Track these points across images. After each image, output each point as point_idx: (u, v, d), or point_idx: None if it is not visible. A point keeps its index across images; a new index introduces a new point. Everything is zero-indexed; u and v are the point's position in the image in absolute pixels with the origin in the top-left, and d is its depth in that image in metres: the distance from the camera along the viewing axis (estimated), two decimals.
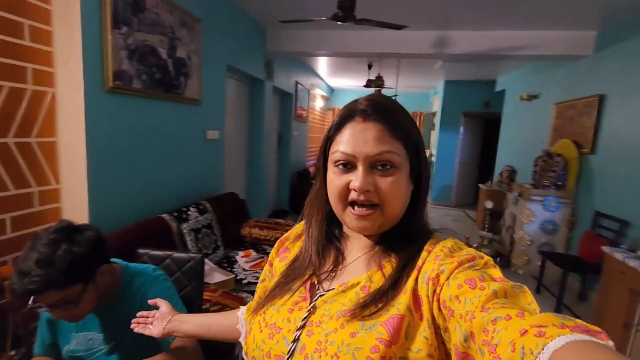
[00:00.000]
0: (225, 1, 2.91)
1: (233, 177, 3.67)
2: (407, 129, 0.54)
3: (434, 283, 0.45)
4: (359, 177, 0.51)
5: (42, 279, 0.79)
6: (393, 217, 0.54)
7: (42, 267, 0.80)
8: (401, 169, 0.52)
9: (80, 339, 0.98)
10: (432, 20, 3.30)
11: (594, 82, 3.29)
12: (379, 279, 0.52)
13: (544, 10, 2.89)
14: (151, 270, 1.06)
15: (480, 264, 0.46)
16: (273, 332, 0.53)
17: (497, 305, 0.37)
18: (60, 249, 0.83)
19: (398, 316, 0.46)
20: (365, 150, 0.51)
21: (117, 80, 1.78)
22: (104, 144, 1.76)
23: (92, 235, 0.90)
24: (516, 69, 5.23)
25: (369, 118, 0.53)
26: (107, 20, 1.69)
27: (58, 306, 0.85)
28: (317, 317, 0.51)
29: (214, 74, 2.78)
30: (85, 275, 0.87)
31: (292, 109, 5.27)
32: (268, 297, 0.59)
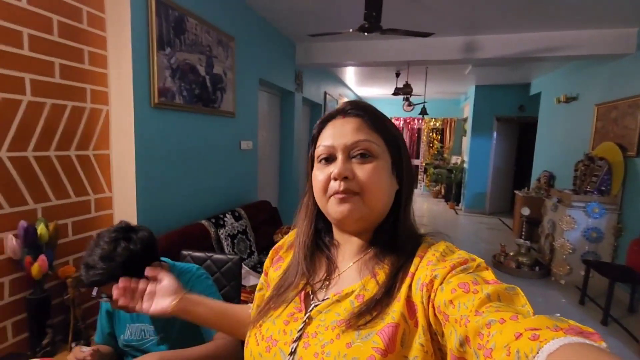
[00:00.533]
0: (256, 19, 3.07)
1: (266, 186, 3.80)
2: (386, 123, 0.56)
3: (428, 289, 0.45)
4: (337, 165, 0.53)
5: (104, 272, 0.91)
6: (375, 209, 0.53)
7: (105, 261, 0.91)
8: (380, 159, 0.53)
9: (134, 329, 1.08)
10: (459, 26, 3.30)
11: (638, 81, 3.12)
12: (372, 287, 0.51)
13: (578, 9, 2.81)
14: (195, 269, 1.16)
15: (472, 266, 0.46)
16: (270, 345, 0.53)
17: (492, 308, 0.38)
18: (119, 246, 0.94)
19: (393, 324, 0.46)
20: (343, 141, 0.53)
21: (161, 97, 1.95)
22: (150, 155, 1.91)
23: (146, 235, 1.01)
24: (551, 70, 5.05)
25: (348, 114, 0.56)
26: (153, 43, 1.86)
27: None
28: (312, 328, 0.51)
29: (247, 87, 2.94)
30: (141, 269, 0.97)
31: None
32: (263, 310, 0.59)
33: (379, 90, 7.52)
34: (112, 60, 1.77)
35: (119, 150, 1.82)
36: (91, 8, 1.67)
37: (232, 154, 2.78)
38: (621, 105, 3.30)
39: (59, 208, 1.58)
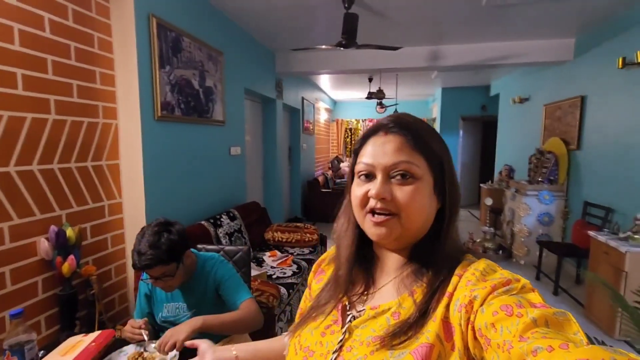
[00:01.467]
0: (241, 34, 3.31)
1: (253, 188, 4.03)
2: (430, 143, 0.54)
3: (467, 310, 0.43)
4: (376, 185, 0.52)
5: (153, 257, 1.13)
6: (412, 229, 0.53)
7: (152, 248, 1.14)
8: (421, 180, 0.52)
9: (170, 308, 1.31)
10: (425, 38, 3.67)
11: (576, 84, 3.61)
12: (409, 306, 0.50)
13: (526, 23, 3.24)
14: (217, 256, 1.40)
15: (516, 288, 0.43)
16: (307, 355, 0.54)
17: (538, 334, 0.35)
18: (163, 237, 1.18)
19: (427, 345, 0.45)
20: (383, 161, 0.52)
21: (163, 110, 2.15)
22: (155, 163, 2.12)
23: (181, 228, 1.25)
24: (507, 74, 5.58)
25: (390, 131, 0.54)
26: (155, 62, 2.07)
27: (160, 278, 1.18)
28: (349, 342, 0.51)
29: (234, 97, 3.16)
30: (179, 255, 1.22)
31: (300, 123, 5.65)
32: (303, 319, 0.61)
33: (353, 94, 7.88)
34: (120, 79, 1.97)
35: (128, 159, 2.02)
36: (101, 33, 1.87)
37: (223, 159, 3.00)
38: (564, 105, 3.80)
39: (79, 214, 1.77)
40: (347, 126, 9.31)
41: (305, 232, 3.10)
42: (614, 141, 3.01)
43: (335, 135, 9.19)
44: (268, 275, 2.43)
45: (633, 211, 2.69)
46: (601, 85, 3.20)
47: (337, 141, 9.21)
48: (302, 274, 2.55)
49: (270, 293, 1.94)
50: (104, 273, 1.94)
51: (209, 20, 2.72)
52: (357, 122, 9.25)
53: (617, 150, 2.96)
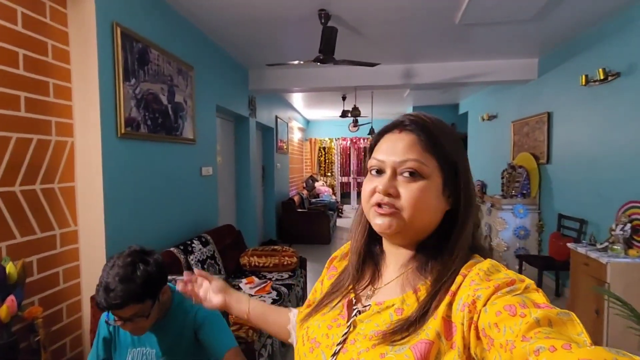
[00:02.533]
0: (213, 48, 3.18)
1: (225, 210, 3.80)
2: (443, 144, 0.54)
3: (470, 310, 0.43)
4: (382, 180, 0.53)
5: (125, 294, 0.94)
6: (415, 226, 0.53)
7: (124, 283, 0.94)
8: (428, 180, 0.52)
9: (136, 354, 1.10)
10: (399, 55, 3.72)
11: (542, 101, 3.77)
12: (412, 303, 0.51)
13: (493, 44, 3.37)
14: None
15: (520, 288, 0.43)
16: (313, 346, 0.56)
17: (541, 334, 0.35)
18: (138, 269, 0.98)
19: (427, 341, 0.45)
20: (392, 157, 0.53)
21: (127, 127, 1.96)
22: (118, 186, 1.90)
23: (159, 258, 1.06)
24: (475, 92, 5.80)
25: (405, 129, 0.55)
26: (119, 74, 1.89)
27: (131, 319, 0.98)
28: (353, 335, 0.53)
29: (206, 114, 3.00)
30: (155, 292, 1.02)
31: (273, 142, 5.52)
32: (312, 312, 0.62)
33: (326, 112, 7.90)
34: (78, 92, 1.77)
35: (86, 181, 1.79)
36: (56, 42, 1.67)
37: (194, 180, 2.80)
38: (531, 121, 3.94)
39: (24, 245, 1.52)
40: (321, 145, 9.29)
41: (283, 256, 2.92)
42: (582, 154, 3.12)
43: (308, 155, 9.12)
44: None
45: (605, 222, 2.75)
46: (566, 101, 3.35)
47: (310, 160, 9.14)
48: (282, 301, 2.36)
49: (250, 327, 1.74)
50: (54, 314, 1.67)
51: (179, 32, 2.58)
52: (330, 141, 9.26)
53: (585, 163, 3.07)
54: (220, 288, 0.79)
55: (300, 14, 2.60)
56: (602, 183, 2.85)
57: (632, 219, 2.48)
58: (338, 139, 9.21)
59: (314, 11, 2.54)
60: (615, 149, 2.71)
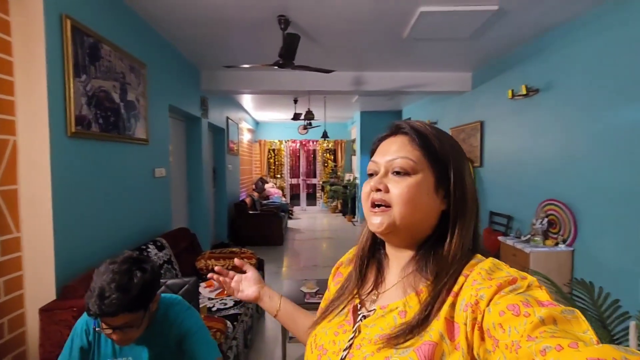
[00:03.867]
0: (166, 46, 3.07)
1: (176, 212, 3.66)
2: (434, 144, 0.55)
3: (474, 310, 0.43)
4: (375, 179, 0.56)
5: (121, 302, 0.91)
6: (408, 224, 0.53)
7: (121, 291, 0.91)
8: (417, 176, 0.53)
9: None
10: (351, 64, 3.91)
11: (475, 110, 4.22)
12: (415, 305, 0.51)
13: (433, 58, 3.70)
14: (181, 300, 1.18)
15: (523, 286, 0.43)
16: (321, 354, 0.56)
17: (546, 334, 0.35)
18: (135, 276, 0.95)
19: (431, 343, 0.45)
20: (384, 158, 0.56)
21: (78, 125, 1.84)
22: (67, 188, 1.77)
23: (156, 266, 1.03)
24: (416, 101, 6.26)
25: (399, 133, 0.58)
26: (69, 69, 1.77)
27: (121, 328, 0.95)
28: (358, 340, 0.53)
29: (158, 114, 2.88)
30: (149, 301, 1.00)
31: (224, 143, 5.41)
32: (319, 319, 0.63)
33: (277, 115, 7.92)
34: (21, 87, 1.62)
35: (31, 184, 1.65)
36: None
37: (147, 182, 2.68)
38: (467, 128, 4.38)
39: None
40: (270, 147, 9.26)
41: (242, 257, 2.91)
42: (508, 159, 3.56)
43: (258, 156, 9.05)
44: (208, 308, 2.19)
45: (528, 217, 3.18)
46: (495, 112, 3.79)
47: (260, 162, 9.07)
48: (243, 302, 2.36)
49: (217, 329, 1.74)
50: None
51: (132, 29, 2.46)
52: (280, 143, 9.27)
53: (512, 167, 3.51)
54: (255, 280, 0.80)
55: (258, 18, 2.63)
56: (525, 184, 3.29)
57: (548, 214, 2.91)
58: (287, 141, 9.26)
59: (273, 16, 2.59)
60: (536, 154, 3.15)
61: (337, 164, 9.39)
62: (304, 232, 6.98)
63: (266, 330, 2.89)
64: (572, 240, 2.70)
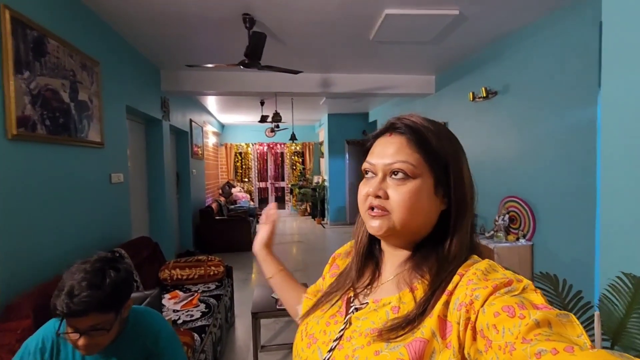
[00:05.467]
0: (121, 43, 2.89)
1: (136, 221, 3.44)
2: (432, 144, 0.53)
3: (468, 310, 0.43)
4: (373, 183, 0.54)
5: (92, 299, 0.85)
6: (407, 227, 0.53)
7: (92, 289, 0.86)
8: (417, 180, 0.52)
9: None
10: (318, 65, 3.90)
11: (440, 112, 4.36)
12: (409, 301, 0.51)
13: (399, 60, 3.77)
14: (154, 311, 1.11)
15: (518, 288, 0.43)
16: (311, 342, 0.57)
17: (541, 336, 0.35)
18: (109, 275, 0.90)
19: (422, 340, 0.45)
20: (382, 161, 0.54)
21: (20, 127, 1.66)
22: (8, 196, 1.59)
23: (130, 266, 0.99)
24: (382, 103, 6.38)
25: (395, 132, 0.55)
26: (8, 65, 1.60)
27: (89, 332, 0.87)
28: (349, 332, 0.53)
29: (115, 115, 2.70)
30: (121, 303, 0.94)
31: (188, 147, 5.20)
32: (312, 308, 0.63)
33: (244, 118, 7.75)
34: None
35: None
36: None
37: (103, 188, 2.49)
38: None
39: None
40: (237, 150, 9.06)
41: (209, 266, 2.78)
42: (472, 158, 3.61)
43: (224, 160, 8.81)
44: (173, 321, 2.06)
45: (491, 214, 3.32)
46: (458, 113, 3.93)
47: (226, 166, 8.83)
48: (212, 313, 2.25)
49: (184, 342, 1.63)
50: None
51: (82, 23, 2.29)
52: (247, 146, 9.09)
53: (475, 166, 3.55)
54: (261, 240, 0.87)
55: (222, 16, 2.54)
56: (487, 182, 3.43)
57: (509, 210, 3.04)
58: (255, 144, 9.10)
59: (237, 14, 2.51)
60: (496, 153, 3.29)
61: (305, 166, 9.35)
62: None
63: (236, 340, 2.78)
64: (531, 234, 2.83)
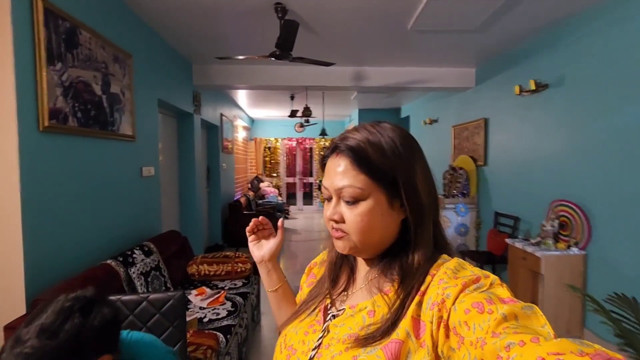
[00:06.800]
0: (153, 36, 2.88)
1: (167, 214, 3.47)
2: (375, 162, 0.52)
3: (440, 308, 0.44)
4: (329, 207, 0.56)
5: (33, 353, 0.68)
6: (366, 244, 0.55)
7: (41, 337, 0.70)
8: (367, 201, 0.52)
9: None
10: (351, 58, 3.74)
11: (479, 108, 4.07)
12: (383, 304, 0.52)
13: (435, 52, 3.54)
14: (159, 343, 0.98)
15: (486, 284, 0.45)
16: (290, 354, 0.57)
17: (509, 330, 0.36)
18: (71, 320, 0.74)
19: (397, 341, 0.46)
20: (333, 184, 0.55)
21: (52, 119, 1.65)
22: (39, 188, 1.59)
23: (111, 314, 0.81)
24: (416, 99, 6.10)
25: (340, 153, 0.55)
26: (41, 57, 1.58)
27: None
28: (327, 340, 0.54)
29: (146, 108, 2.69)
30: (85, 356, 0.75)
31: (218, 141, 5.22)
32: (290, 319, 0.63)
33: (273, 112, 7.73)
34: None
35: None
36: None
37: (134, 181, 2.49)
38: (470, 126, 4.24)
39: None
40: (266, 145, 9.08)
41: (236, 262, 2.73)
42: (515, 158, 3.42)
43: (253, 155, 8.85)
44: (199, 319, 2.01)
45: (536, 218, 3.04)
46: (501, 109, 3.65)
47: (255, 160, 8.87)
48: (238, 312, 2.19)
49: (208, 345, 1.57)
50: None
51: (115, 16, 2.27)
52: (276, 141, 9.09)
53: (518, 166, 3.37)
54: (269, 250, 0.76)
55: (253, 6, 2.45)
56: (533, 183, 3.15)
57: (560, 215, 2.76)
58: (284, 139, 9.08)
59: (269, 4, 2.42)
60: (544, 153, 3.00)
61: None
62: (301, 232, 6.81)
63: (262, 340, 2.72)
64: (586, 243, 2.56)
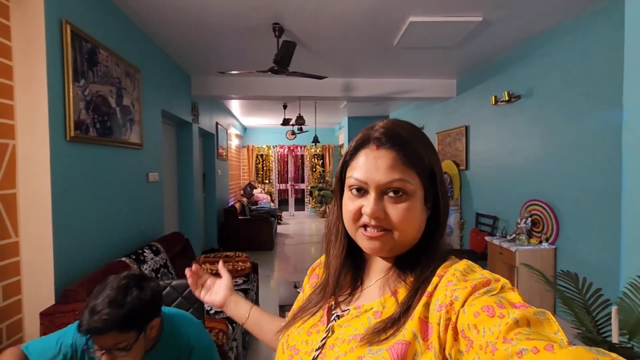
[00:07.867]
0: (157, 51, 3.09)
1: (167, 218, 3.65)
2: (422, 156, 0.53)
3: (448, 310, 0.43)
4: (370, 204, 0.52)
5: (109, 318, 0.86)
6: (405, 242, 0.53)
7: (111, 307, 0.88)
8: (414, 196, 0.52)
9: None
10: (341, 70, 4.01)
11: (460, 116, 4.38)
12: (391, 305, 0.51)
13: (420, 65, 3.84)
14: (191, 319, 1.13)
15: (496, 288, 0.44)
16: (292, 354, 0.55)
17: (521, 335, 0.36)
18: (130, 294, 0.92)
19: (404, 342, 0.45)
20: (377, 178, 0.52)
21: (77, 130, 1.85)
22: (66, 192, 1.77)
23: (157, 287, 1.00)
24: (402, 106, 6.42)
25: (383, 146, 0.52)
26: (69, 74, 1.78)
27: (110, 350, 0.89)
28: (331, 340, 0.52)
29: (152, 118, 2.89)
30: (143, 323, 0.94)
31: (214, 149, 5.41)
32: (293, 319, 0.62)
33: (266, 121, 7.95)
34: (21, 91, 1.63)
35: (30, 188, 1.65)
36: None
37: (141, 186, 2.67)
38: (452, 133, 4.54)
39: None
40: (258, 152, 9.27)
41: (237, 261, 2.92)
42: (493, 162, 3.71)
43: (246, 162, 9.04)
44: (206, 311, 2.20)
45: (512, 217, 3.32)
46: (480, 117, 3.95)
47: (248, 167, 9.06)
48: None
49: (220, 329, 1.77)
50: None
51: (126, 34, 2.48)
52: (268, 148, 9.29)
53: (496, 169, 3.66)
54: (228, 287, 0.81)
55: (252, 25, 2.69)
56: (509, 185, 3.44)
57: (532, 214, 3.05)
58: (276, 146, 9.29)
59: (267, 24, 2.66)
60: (518, 157, 3.30)
61: (325, 169, 9.47)
62: (293, 236, 7.00)
63: None
64: (555, 238, 2.84)
